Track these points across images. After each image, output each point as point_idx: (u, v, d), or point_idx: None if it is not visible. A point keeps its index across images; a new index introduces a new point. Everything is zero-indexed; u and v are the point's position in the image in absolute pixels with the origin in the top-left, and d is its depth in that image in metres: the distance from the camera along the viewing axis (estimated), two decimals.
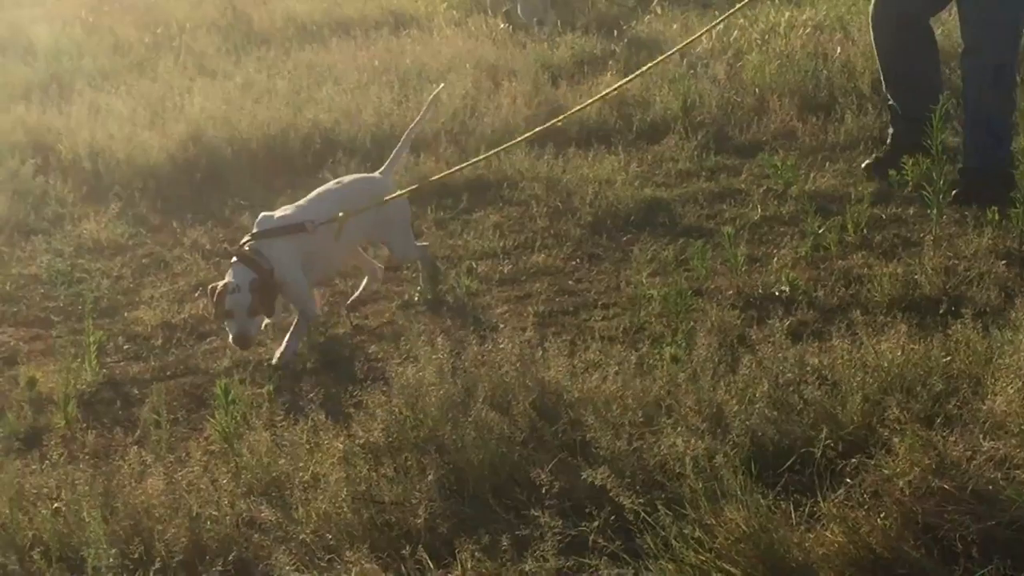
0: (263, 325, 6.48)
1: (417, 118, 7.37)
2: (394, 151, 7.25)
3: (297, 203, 6.81)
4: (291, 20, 14.70)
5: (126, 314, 7.38)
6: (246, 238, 6.53)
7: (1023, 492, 4.36)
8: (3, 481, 5.13)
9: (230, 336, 6.33)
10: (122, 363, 6.75)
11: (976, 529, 4.27)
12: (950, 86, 8.41)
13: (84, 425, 5.84)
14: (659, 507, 4.26)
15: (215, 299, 6.31)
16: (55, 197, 9.35)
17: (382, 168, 7.19)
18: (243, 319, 6.23)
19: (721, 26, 11.35)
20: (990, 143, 7.63)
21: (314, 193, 6.91)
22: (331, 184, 7.01)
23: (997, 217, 6.90)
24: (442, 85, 7.56)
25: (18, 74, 12.84)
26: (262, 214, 6.65)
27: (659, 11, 13.31)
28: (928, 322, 5.91)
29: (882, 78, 8.23)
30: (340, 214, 6.53)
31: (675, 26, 12.44)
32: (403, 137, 7.26)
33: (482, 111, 10.16)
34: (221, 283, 6.34)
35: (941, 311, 6.05)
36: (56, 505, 4.95)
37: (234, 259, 6.43)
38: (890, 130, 8.27)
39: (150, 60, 13.14)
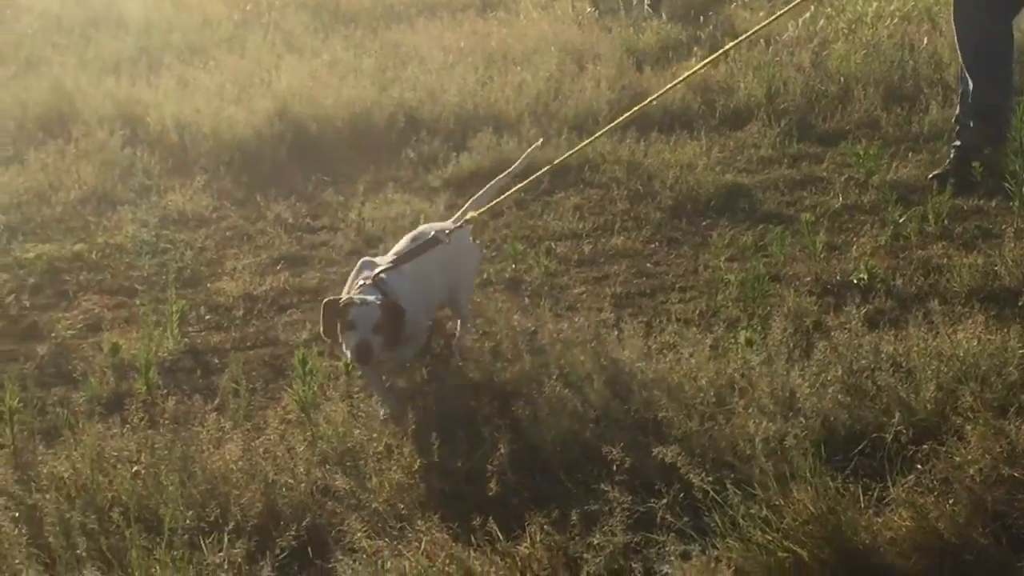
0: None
1: (508, 170, 6.78)
2: (472, 199, 6.57)
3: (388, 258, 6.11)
4: (379, 0, 14.77)
5: (208, 285, 7.47)
6: (377, 271, 5.85)
7: None
8: (85, 443, 5.22)
9: (348, 351, 5.54)
10: (203, 332, 6.84)
11: None
12: None
13: (164, 391, 5.89)
14: (728, 486, 4.30)
15: (335, 312, 5.62)
16: (142, 169, 9.43)
17: (454, 218, 6.49)
18: (367, 332, 5.48)
19: (807, 15, 11.38)
20: None
21: (398, 247, 6.21)
22: (417, 233, 6.28)
23: None
24: (540, 141, 7.26)
25: (109, 48, 12.94)
26: (364, 259, 6.10)
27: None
28: (1007, 313, 5.90)
29: (967, 77, 8.05)
30: (470, 214, 6.33)
31: (761, 13, 12.37)
32: (485, 188, 6.62)
33: (566, 94, 10.18)
34: (343, 297, 5.70)
35: (1021, 303, 6.04)
36: (136, 468, 5.03)
37: (361, 283, 5.76)
38: (956, 142, 8.16)
39: (238, 36, 13.21)
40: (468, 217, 6.16)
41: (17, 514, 4.80)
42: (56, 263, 7.93)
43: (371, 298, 5.55)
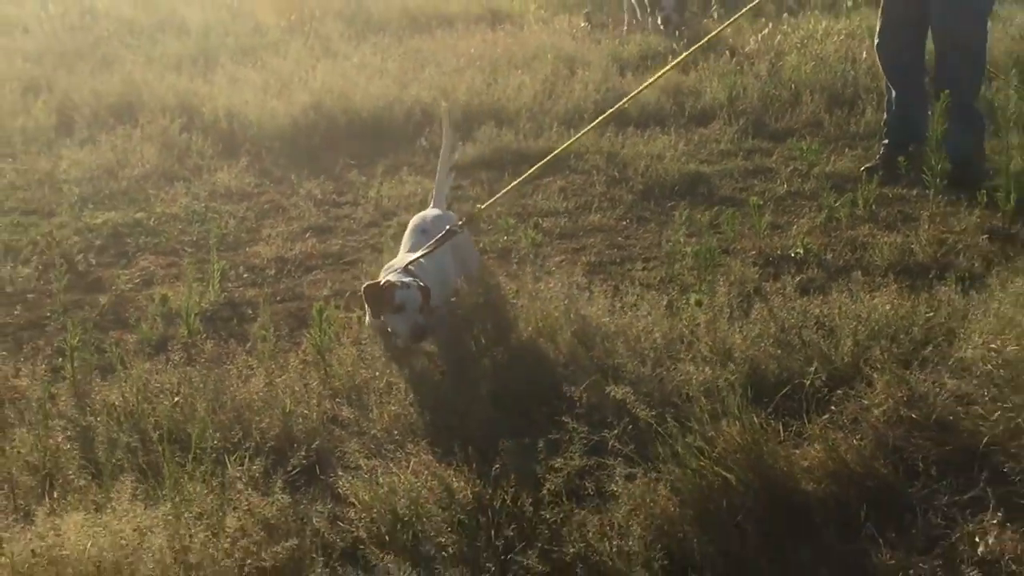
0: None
1: (444, 142, 6.73)
2: (437, 184, 6.55)
3: (402, 254, 5.94)
4: (405, 12, 14.77)
5: (247, 248, 7.50)
6: (407, 262, 5.65)
7: (978, 423, 4.43)
8: (134, 377, 5.29)
9: (402, 332, 5.34)
10: (240, 288, 6.88)
11: (935, 452, 4.36)
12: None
13: (204, 336, 5.95)
14: (669, 420, 4.34)
15: (377, 296, 5.36)
16: (196, 151, 9.49)
17: (433, 203, 6.46)
18: (415, 314, 5.28)
19: (766, 31, 11.39)
20: (969, 131, 7.62)
21: (409, 239, 6.05)
22: (414, 226, 6.11)
23: (986, 198, 6.88)
24: (445, 104, 7.27)
25: (173, 48, 13.01)
26: (387, 265, 5.80)
27: (715, 16, 13.27)
28: (918, 284, 5.91)
29: (890, 89, 8.19)
30: (478, 206, 6.26)
31: (728, 29, 12.37)
32: (440, 167, 6.60)
33: (558, 94, 10.21)
34: (381, 281, 5.43)
35: (930, 275, 6.05)
36: (176, 399, 5.09)
37: (394, 272, 5.53)
38: (885, 141, 8.20)
39: (283, 41, 13.22)
40: (477, 208, 6.14)
41: (72, 434, 4.88)
42: (119, 228, 7.99)
43: (410, 280, 5.38)
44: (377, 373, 5.27)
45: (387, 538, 4.14)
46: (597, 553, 3.99)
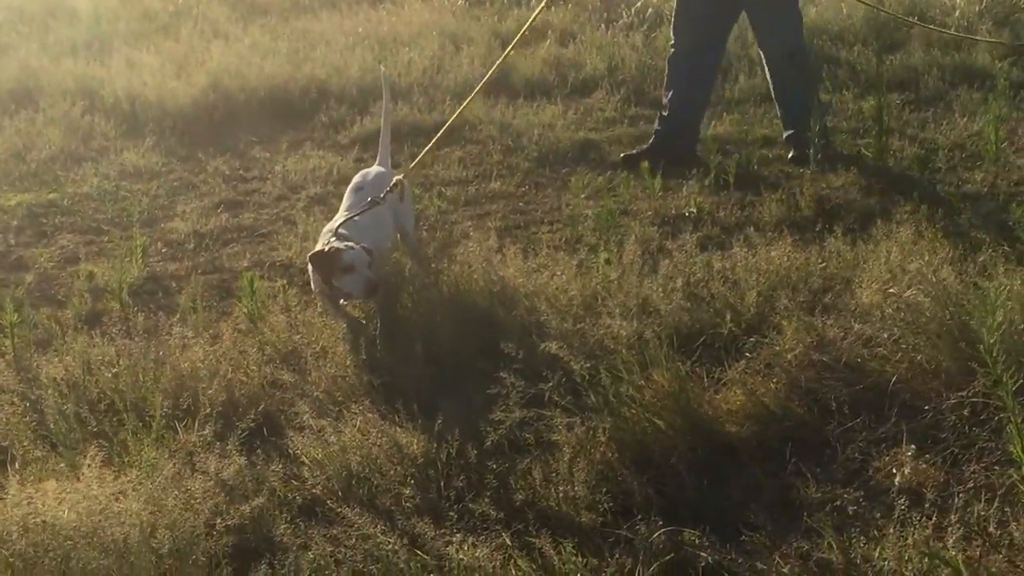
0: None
1: (384, 103, 6.73)
2: (381, 142, 6.49)
3: (339, 214, 5.82)
4: None
5: (163, 225, 7.39)
6: (336, 226, 5.52)
7: (883, 364, 4.53)
8: (74, 351, 5.22)
9: (356, 291, 5.21)
10: (162, 262, 6.78)
11: (846, 392, 4.44)
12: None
13: (135, 309, 5.88)
14: (601, 371, 4.37)
15: (326, 261, 5.23)
16: (100, 132, 9.31)
17: (378, 161, 6.46)
18: (365, 270, 5.15)
19: (639, 4, 11.43)
20: (802, 114, 7.56)
21: (347, 198, 5.96)
22: (353, 184, 6.08)
23: (859, 151, 7.00)
24: (383, 67, 7.24)
25: (65, 34, 12.69)
26: (325, 228, 5.65)
27: None
28: (808, 236, 6.03)
29: (666, 83, 7.84)
30: (399, 177, 6.04)
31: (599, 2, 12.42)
32: (383, 126, 6.55)
33: (446, 69, 10.19)
34: (324, 248, 5.29)
35: (817, 228, 6.17)
36: (115, 370, 5.02)
37: (332, 239, 5.37)
38: (656, 127, 7.90)
39: (173, 25, 12.97)
40: (396, 179, 6.08)
41: (21, 408, 4.79)
42: (34, 209, 7.82)
43: (352, 244, 5.26)
44: (312, 338, 5.24)
45: (341, 494, 4.13)
46: (544, 499, 4.01)
